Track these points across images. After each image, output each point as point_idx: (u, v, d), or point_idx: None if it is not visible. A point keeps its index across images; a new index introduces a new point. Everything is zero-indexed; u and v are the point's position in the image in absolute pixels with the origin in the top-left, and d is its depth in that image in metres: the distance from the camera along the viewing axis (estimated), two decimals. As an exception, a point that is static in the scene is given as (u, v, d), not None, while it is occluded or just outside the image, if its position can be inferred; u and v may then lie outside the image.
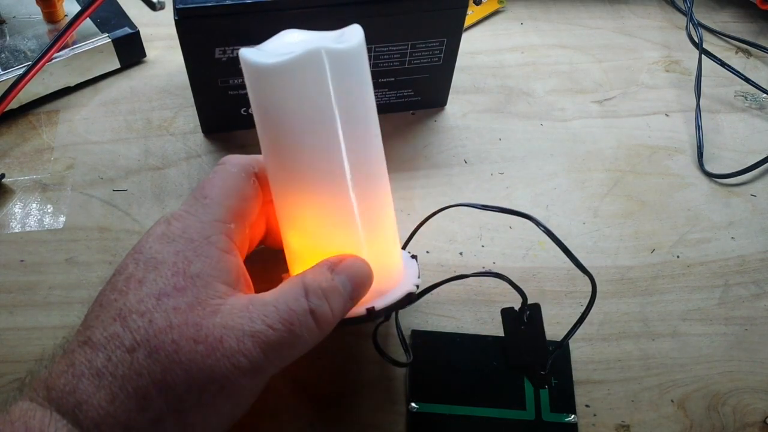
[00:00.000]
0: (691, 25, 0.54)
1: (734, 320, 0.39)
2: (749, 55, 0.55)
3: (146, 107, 0.47)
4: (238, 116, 0.44)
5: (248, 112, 0.44)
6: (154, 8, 0.48)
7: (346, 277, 0.28)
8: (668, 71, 0.53)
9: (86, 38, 0.46)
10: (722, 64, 0.52)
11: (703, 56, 0.51)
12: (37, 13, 0.47)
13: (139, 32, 0.48)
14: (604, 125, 0.49)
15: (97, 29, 0.47)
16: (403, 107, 0.48)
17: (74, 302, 0.37)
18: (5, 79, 0.43)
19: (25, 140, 0.44)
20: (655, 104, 0.51)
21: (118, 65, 0.48)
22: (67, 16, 0.48)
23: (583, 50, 0.54)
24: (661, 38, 0.56)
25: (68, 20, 0.42)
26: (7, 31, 0.46)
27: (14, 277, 0.38)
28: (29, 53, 0.45)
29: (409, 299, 0.31)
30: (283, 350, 0.26)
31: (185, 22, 0.37)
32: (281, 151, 0.28)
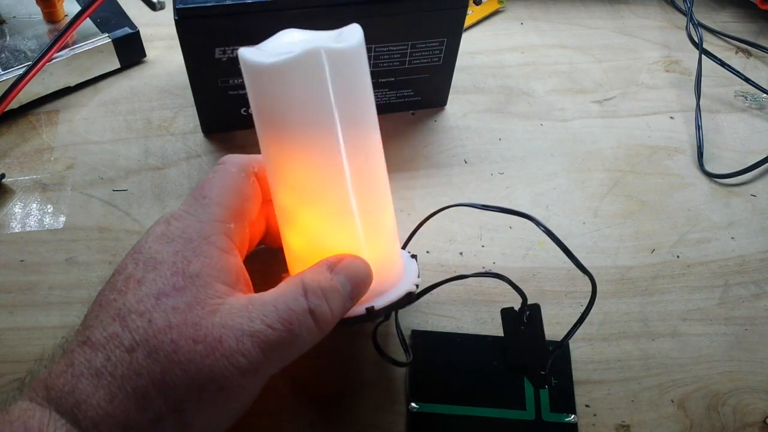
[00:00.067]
0: (691, 25, 0.54)
1: (734, 320, 0.39)
2: (749, 55, 0.55)
3: (146, 107, 0.47)
4: (238, 116, 0.44)
5: (248, 112, 0.44)
6: (154, 8, 0.48)
7: (345, 276, 0.28)
8: (668, 71, 0.53)
9: (86, 38, 0.46)
10: (722, 64, 0.52)
11: (703, 56, 0.51)
12: (37, 13, 0.47)
13: (139, 32, 0.48)
14: (604, 125, 0.49)
15: (97, 29, 0.47)
16: (403, 107, 0.48)
17: (74, 302, 0.37)
18: (5, 79, 0.43)
19: (25, 140, 0.44)
20: (655, 104, 0.51)
21: (118, 65, 0.48)
22: (67, 16, 0.48)
23: (583, 50, 0.54)
24: (661, 38, 0.56)
25: (68, 20, 0.42)
26: (7, 31, 0.46)
27: (14, 277, 0.38)
28: (29, 53, 0.45)
29: (408, 299, 0.31)
30: (282, 350, 0.26)
31: (185, 22, 0.37)
32: (280, 150, 0.28)
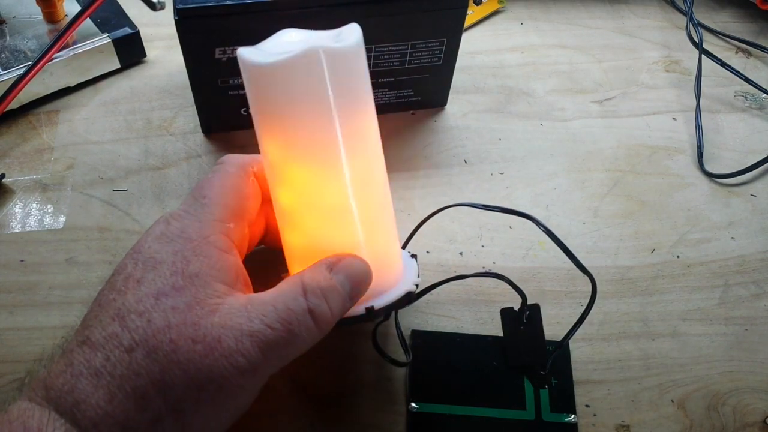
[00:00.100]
0: (691, 25, 0.54)
1: (734, 320, 0.39)
2: (749, 55, 0.55)
3: (146, 107, 0.47)
4: (238, 116, 0.44)
5: (248, 112, 0.43)
6: (154, 8, 0.48)
7: (344, 276, 0.28)
8: (668, 71, 0.53)
9: (86, 38, 0.46)
10: (722, 64, 0.52)
11: (703, 56, 0.51)
12: (37, 13, 0.47)
13: (139, 32, 0.48)
14: (604, 125, 0.49)
15: (97, 29, 0.47)
16: (403, 107, 0.48)
17: (74, 302, 0.37)
18: (5, 79, 0.43)
19: (25, 140, 0.44)
20: (655, 104, 0.51)
21: (118, 65, 0.48)
22: (67, 16, 0.48)
23: (583, 50, 0.54)
24: (661, 38, 0.56)
25: (68, 20, 0.42)
26: (7, 31, 0.46)
27: (14, 277, 0.38)
28: (29, 53, 0.45)
29: (408, 299, 0.31)
30: (281, 350, 0.26)
31: (185, 22, 0.37)
32: (280, 150, 0.28)
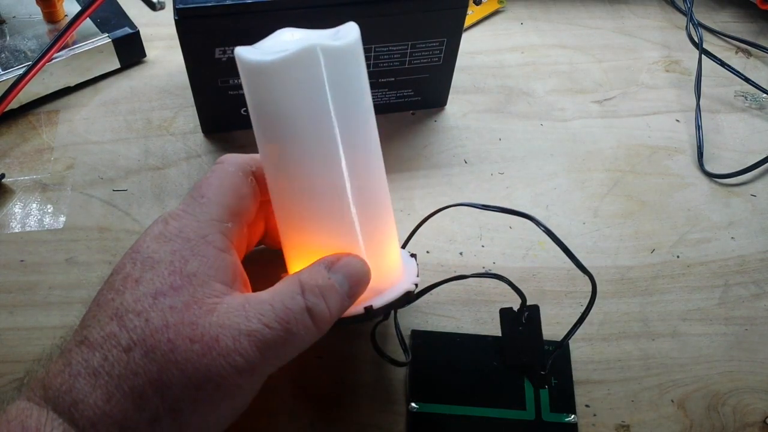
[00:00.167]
0: (691, 25, 0.54)
1: (734, 320, 0.39)
2: (749, 55, 0.55)
3: (146, 107, 0.47)
4: (238, 116, 0.44)
5: (248, 111, 0.44)
6: (154, 8, 0.48)
7: (343, 275, 0.28)
8: (668, 71, 0.53)
9: (86, 38, 0.46)
10: (722, 64, 0.52)
11: (703, 56, 0.51)
12: (37, 13, 0.47)
13: (139, 32, 0.48)
14: (604, 125, 0.49)
15: (97, 29, 0.47)
16: (403, 107, 0.47)
17: (74, 302, 0.37)
18: (5, 79, 0.43)
19: (25, 140, 0.44)
20: (655, 104, 0.51)
21: (118, 65, 0.48)
22: (67, 16, 0.48)
23: (583, 50, 0.54)
24: (661, 38, 0.56)
25: (68, 20, 0.42)
26: (7, 31, 0.46)
27: (14, 277, 0.38)
28: (29, 53, 0.45)
29: (407, 298, 0.31)
30: (279, 349, 0.26)
31: (185, 22, 0.37)
32: (277, 149, 0.28)
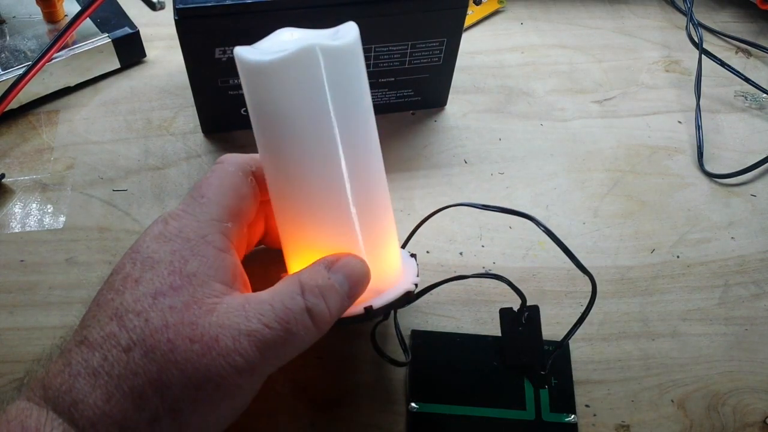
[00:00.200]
0: (691, 25, 0.54)
1: (734, 320, 0.39)
2: (749, 55, 0.55)
3: (146, 107, 0.47)
4: (238, 116, 0.44)
5: (248, 111, 0.44)
6: (154, 8, 0.48)
7: (343, 275, 0.28)
8: (668, 71, 0.53)
9: (86, 38, 0.46)
10: (722, 64, 0.52)
11: (703, 56, 0.51)
12: (37, 13, 0.47)
13: (139, 32, 0.48)
14: (604, 125, 0.49)
15: (97, 29, 0.47)
16: (403, 107, 0.47)
17: (74, 302, 0.37)
18: (5, 79, 0.43)
19: (25, 140, 0.44)
20: (655, 104, 0.51)
21: (118, 65, 0.48)
22: (67, 16, 0.48)
23: (583, 50, 0.54)
24: (661, 38, 0.56)
25: (68, 20, 0.42)
26: (7, 31, 0.46)
27: (14, 277, 0.38)
28: (29, 53, 0.45)
29: (407, 298, 0.31)
30: (279, 349, 0.26)
31: (185, 22, 0.37)
32: (277, 149, 0.28)
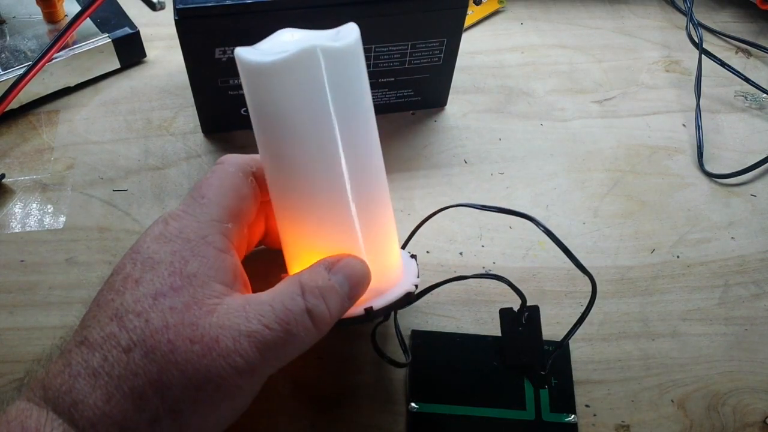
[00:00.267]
0: (691, 25, 0.54)
1: (734, 320, 0.39)
2: (749, 55, 0.55)
3: (146, 107, 0.47)
4: (238, 116, 0.44)
5: (248, 112, 0.44)
6: (154, 8, 0.48)
7: (343, 276, 0.28)
8: (668, 71, 0.53)
9: (86, 38, 0.46)
10: (722, 64, 0.52)
11: (703, 56, 0.51)
12: (37, 13, 0.47)
13: (139, 32, 0.48)
14: (604, 125, 0.49)
15: (97, 29, 0.47)
16: (403, 107, 0.47)
17: (74, 302, 0.37)
18: (5, 79, 0.43)
19: (25, 140, 0.44)
20: (655, 104, 0.51)
21: (118, 65, 0.48)
22: (67, 16, 0.48)
23: (583, 50, 0.54)
24: (661, 38, 0.56)
25: (68, 20, 0.42)
26: (7, 31, 0.46)
27: (14, 277, 0.38)
28: (29, 53, 0.45)
29: (407, 299, 0.31)
30: (279, 350, 0.26)
31: (185, 22, 0.37)
32: (277, 150, 0.28)
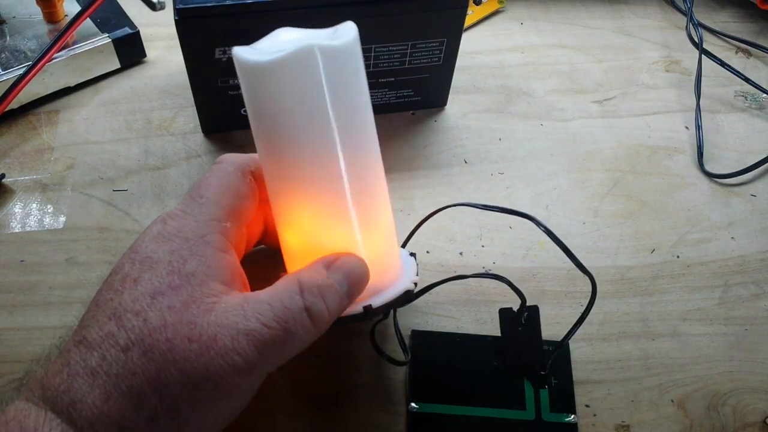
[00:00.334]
0: (691, 25, 0.54)
1: (734, 320, 0.39)
2: (749, 55, 0.55)
3: (146, 107, 0.47)
4: (238, 116, 0.44)
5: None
6: (154, 8, 0.48)
7: (342, 274, 0.28)
8: (668, 71, 0.53)
9: (86, 38, 0.46)
10: (722, 64, 0.52)
11: (703, 56, 0.51)
12: (37, 13, 0.47)
13: (139, 32, 0.48)
14: (604, 125, 0.49)
15: (97, 29, 0.47)
16: (403, 107, 0.47)
17: (74, 302, 0.37)
18: (5, 79, 0.43)
19: (25, 140, 0.44)
20: (655, 104, 0.51)
21: (118, 65, 0.48)
22: (67, 16, 0.48)
23: (583, 50, 0.54)
24: (661, 38, 0.56)
25: (68, 20, 0.42)
26: (7, 31, 0.46)
27: (14, 277, 0.38)
28: (29, 53, 0.45)
29: (407, 297, 0.31)
30: (277, 348, 0.26)
31: (185, 22, 0.37)
32: (276, 149, 0.28)
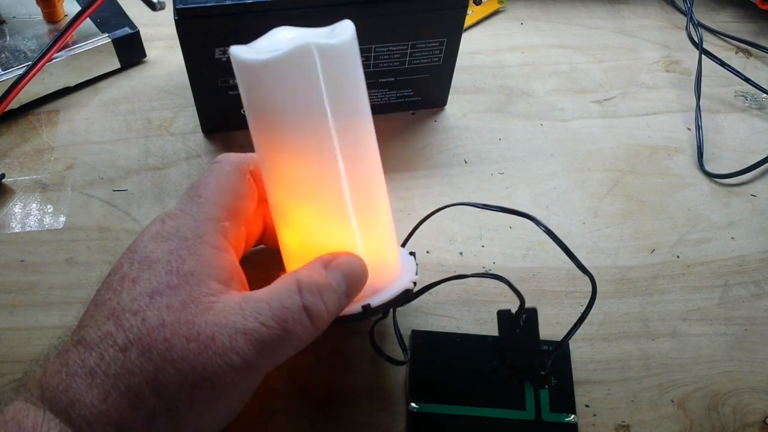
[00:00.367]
0: (691, 25, 0.54)
1: (734, 320, 0.39)
2: (749, 55, 0.55)
3: (146, 107, 0.47)
4: (238, 116, 0.44)
5: (247, 112, 0.44)
6: (154, 8, 0.48)
7: (340, 274, 0.28)
8: (668, 71, 0.53)
9: (86, 38, 0.46)
10: (722, 64, 0.52)
11: (703, 56, 0.51)
12: (37, 13, 0.47)
13: (139, 32, 0.48)
14: (604, 125, 0.49)
15: (97, 29, 0.47)
16: (403, 107, 0.47)
17: (74, 302, 0.37)
18: (5, 79, 0.43)
19: (25, 140, 0.44)
20: (655, 104, 0.51)
21: (118, 65, 0.48)
22: (67, 16, 0.48)
23: (583, 50, 0.54)
24: (661, 38, 0.56)
25: (68, 20, 0.42)
26: (7, 31, 0.46)
27: (14, 277, 0.38)
28: (29, 53, 0.45)
29: (406, 296, 0.31)
30: (276, 348, 0.26)
31: (185, 22, 0.37)
32: (273, 147, 0.28)
